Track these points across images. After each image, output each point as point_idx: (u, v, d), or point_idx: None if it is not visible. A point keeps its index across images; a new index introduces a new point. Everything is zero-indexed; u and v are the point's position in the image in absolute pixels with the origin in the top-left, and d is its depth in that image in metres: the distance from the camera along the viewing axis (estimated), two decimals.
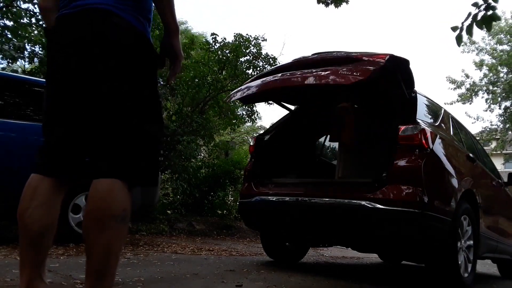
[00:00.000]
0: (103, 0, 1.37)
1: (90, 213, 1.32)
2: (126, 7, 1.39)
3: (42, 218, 1.40)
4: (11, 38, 7.16)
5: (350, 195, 2.97)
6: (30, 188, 1.44)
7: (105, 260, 1.28)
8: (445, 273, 3.01)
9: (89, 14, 1.36)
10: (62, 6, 1.45)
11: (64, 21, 1.41)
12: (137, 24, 1.42)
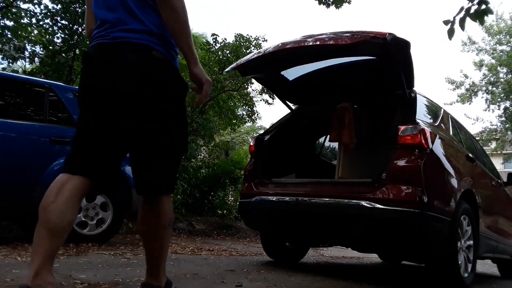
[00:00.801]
0: (143, 36, 1.55)
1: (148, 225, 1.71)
2: (161, 43, 1.59)
3: (65, 213, 1.53)
4: (12, 38, 7.16)
5: (350, 195, 2.98)
6: (57, 184, 1.57)
7: (162, 251, 1.74)
8: (445, 273, 3.01)
9: (132, 47, 1.54)
10: (98, 35, 1.61)
11: (105, 50, 1.57)
12: (171, 57, 1.63)
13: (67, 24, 7.10)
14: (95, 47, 1.60)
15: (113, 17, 1.59)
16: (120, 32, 1.56)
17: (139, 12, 1.57)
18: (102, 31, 1.60)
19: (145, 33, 1.56)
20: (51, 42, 7.26)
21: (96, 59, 1.58)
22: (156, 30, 1.59)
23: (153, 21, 1.58)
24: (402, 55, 2.99)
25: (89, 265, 2.85)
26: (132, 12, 1.57)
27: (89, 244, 3.95)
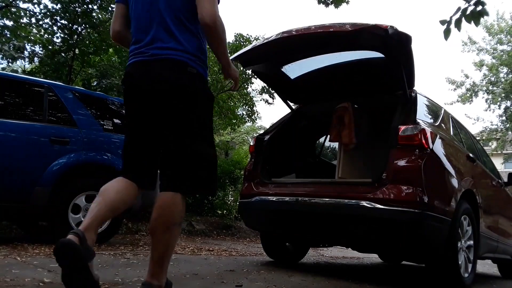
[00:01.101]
0: (179, 53, 1.74)
1: (159, 219, 1.74)
2: (195, 58, 1.78)
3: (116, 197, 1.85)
4: (11, 38, 7.15)
5: (350, 195, 2.97)
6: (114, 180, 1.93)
7: (165, 251, 1.75)
8: (445, 273, 3.01)
9: (170, 63, 1.73)
10: (137, 52, 1.79)
11: (145, 66, 1.76)
12: (202, 71, 1.81)
13: (66, 24, 7.09)
14: (134, 65, 1.80)
15: (152, 35, 1.76)
16: (159, 50, 1.74)
17: (177, 31, 1.75)
18: (141, 47, 1.78)
19: (182, 51, 1.75)
20: (51, 41, 7.26)
21: (136, 76, 1.79)
22: (191, 48, 1.77)
23: (188, 40, 1.77)
24: (403, 49, 2.97)
25: None
26: (170, 31, 1.75)
27: None
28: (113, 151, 4.37)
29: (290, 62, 3.71)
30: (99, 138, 4.31)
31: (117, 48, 7.51)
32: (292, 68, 3.82)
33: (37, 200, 3.82)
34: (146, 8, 1.80)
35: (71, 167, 4.01)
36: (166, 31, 1.75)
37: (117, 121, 4.70)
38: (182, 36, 1.76)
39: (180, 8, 1.76)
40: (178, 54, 1.74)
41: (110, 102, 4.84)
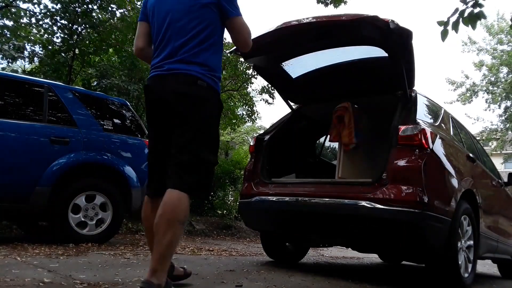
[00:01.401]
0: (190, 67, 1.92)
1: (164, 215, 1.82)
2: (206, 72, 1.95)
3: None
4: (11, 38, 7.15)
5: (350, 195, 2.97)
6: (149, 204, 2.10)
7: (167, 249, 1.80)
8: (445, 273, 3.01)
9: (182, 77, 1.92)
10: (156, 66, 2.00)
11: (162, 78, 1.96)
12: (213, 84, 1.99)
13: (66, 24, 7.09)
14: (153, 78, 2.01)
15: (168, 50, 1.97)
16: (173, 64, 1.94)
17: (191, 46, 1.94)
18: (159, 62, 1.99)
19: (194, 64, 1.94)
20: (51, 41, 7.26)
21: (153, 89, 2.00)
22: (204, 61, 1.96)
23: (202, 54, 1.96)
24: (404, 44, 2.96)
25: (89, 265, 2.84)
26: (184, 46, 1.94)
27: (89, 244, 3.94)
28: (113, 151, 4.37)
29: (290, 57, 3.66)
30: (99, 138, 4.31)
31: (117, 48, 7.52)
32: (293, 67, 3.81)
33: (37, 200, 3.83)
34: (165, 27, 1.99)
35: (71, 167, 4.02)
36: (181, 46, 1.95)
37: (117, 121, 4.70)
38: (196, 50, 1.95)
39: (196, 26, 1.95)
40: (189, 68, 1.93)
41: (110, 102, 4.84)
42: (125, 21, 7.49)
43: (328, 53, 3.56)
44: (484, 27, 15.77)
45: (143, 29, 2.16)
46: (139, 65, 7.00)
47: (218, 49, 2.04)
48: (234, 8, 2.01)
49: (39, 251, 3.35)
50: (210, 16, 1.96)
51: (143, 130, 4.89)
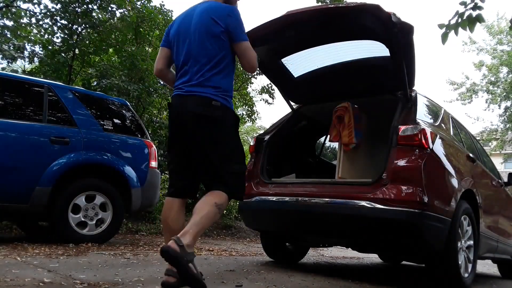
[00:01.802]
0: (206, 90, 2.21)
1: (207, 197, 2.18)
2: (219, 93, 2.23)
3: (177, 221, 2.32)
4: (11, 38, 7.15)
5: (350, 195, 2.97)
6: (168, 205, 2.35)
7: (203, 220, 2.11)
8: (445, 273, 3.01)
9: (199, 99, 2.20)
10: (178, 87, 2.30)
11: (182, 98, 2.26)
12: (226, 103, 2.26)
13: (66, 24, 7.09)
14: (174, 97, 2.31)
15: (187, 74, 2.27)
16: (191, 86, 2.23)
17: (206, 70, 2.22)
18: (181, 84, 2.29)
19: (209, 87, 2.21)
20: (51, 41, 7.26)
21: (175, 106, 2.30)
22: (217, 84, 2.23)
23: (215, 77, 2.23)
24: (405, 39, 2.93)
25: (89, 265, 2.84)
26: (201, 72, 2.23)
27: (89, 244, 3.95)
28: (113, 151, 4.37)
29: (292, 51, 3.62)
30: (99, 138, 4.31)
31: (117, 48, 7.52)
32: (295, 66, 3.80)
33: (37, 200, 3.83)
34: (184, 54, 2.29)
35: (71, 167, 4.02)
36: (198, 71, 2.24)
37: (117, 121, 4.70)
38: (210, 73, 2.23)
39: (209, 50, 2.23)
40: (205, 91, 2.21)
41: (110, 102, 4.84)
42: (125, 21, 7.49)
43: (328, 53, 3.56)
44: (485, 27, 15.77)
45: (163, 53, 2.45)
46: (139, 65, 7.00)
47: (230, 71, 2.31)
48: (240, 34, 2.27)
49: (39, 251, 3.35)
50: (221, 44, 2.24)
51: (143, 130, 4.89)
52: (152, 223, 6.80)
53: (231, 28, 2.23)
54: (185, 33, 2.31)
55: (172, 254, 1.95)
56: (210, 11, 2.25)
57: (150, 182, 4.62)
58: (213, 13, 2.24)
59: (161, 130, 7.65)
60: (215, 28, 2.22)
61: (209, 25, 2.23)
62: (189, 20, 2.32)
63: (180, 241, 1.99)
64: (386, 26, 2.83)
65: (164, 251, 1.97)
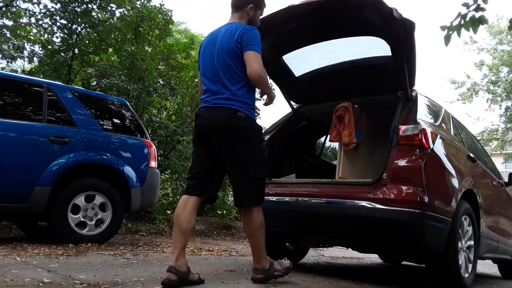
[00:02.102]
0: (232, 103, 2.43)
1: (245, 228, 2.56)
2: (243, 105, 2.46)
3: (190, 220, 2.45)
4: (11, 38, 7.14)
5: (350, 195, 2.96)
6: (183, 202, 2.49)
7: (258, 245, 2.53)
8: (446, 274, 3.00)
9: (226, 110, 2.43)
10: (205, 100, 2.53)
11: (208, 111, 2.49)
12: (250, 114, 2.49)
13: (66, 24, 7.08)
14: (203, 110, 2.53)
15: (214, 89, 2.49)
16: (218, 100, 2.46)
17: (230, 85, 2.45)
18: (207, 97, 2.52)
19: (234, 100, 2.44)
20: (50, 41, 7.25)
21: (203, 117, 2.51)
22: (241, 98, 2.46)
23: (240, 91, 2.46)
24: (406, 35, 2.91)
25: (89, 265, 2.84)
26: (226, 86, 2.46)
27: (89, 244, 3.94)
28: (112, 151, 4.36)
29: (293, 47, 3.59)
30: (99, 138, 4.30)
31: (116, 48, 7.51)
32: (296, 66, 3.79)
33: (37, 200, 3.82)
34: (210, 71, 2.53)
35: (70, 167, 4.01)
36: (223, 86, 2.46)
37: (116, 121, 4.70)
38: (234, 88, 2.45)
39: (232, 67, 2.45)
40: (231, 103, 2.44)
41: (109, 102, 4.83)
42: (124, 21, 7.48)
43: (329, 52, 3.55)
44: (485, 27, 15.77)
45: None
46: (139, 65, 6.99)
47: (252, 85, 2.51)
48: (247, 44, 2.43)
49: (39, 251, 3.34)
50: (241, 59, 2.45)
51: (142, 130, 4.88)
52: (152, 223, 6.79)
53: (243, 42, 2.43)
54: (211, 52, 2.56)
55: (262, 281, 2.54)
56: (231, 31, 2.49)
57: (150, 182, 4.61)
58: (233, 33, 2.48)
59: (161, 130, 7.64)
60: (235, 46, 2.45)
61: (229, 44, 2.46)
62: (214, 41, 2.57)
63: (257, 270, 2.55)
64: (388, 21, 2.81)
65: (254, 282, 2.55)
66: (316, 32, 3.37)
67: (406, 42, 2.96)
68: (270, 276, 2.58)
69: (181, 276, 2.31)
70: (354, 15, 3.03)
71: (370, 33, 3.17)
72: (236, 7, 2.62)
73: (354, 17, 3.06)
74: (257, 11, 2.64)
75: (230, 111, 2.43)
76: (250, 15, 2.60)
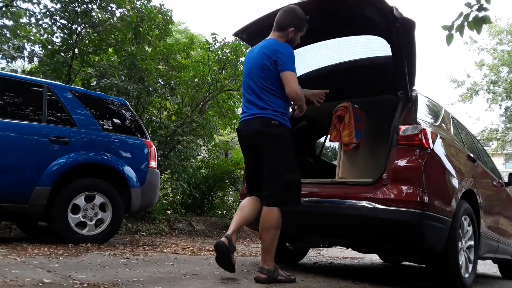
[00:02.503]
0: (267, 112, 2.70)
1: (263, 225, 2.70)
2: (277, 114, 2.71)
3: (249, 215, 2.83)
4: (11, 38, 7.14)
5: (351, 195, 2.96)
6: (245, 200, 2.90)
7: (269, 245, 2.70)
8: (446, 274, 3.00)
9: (261, 119, 2.71)
10: (244, 112, 2.85)
11: (248, 121, 2.78)
12: (283, 121, 2.74)
13: (66, 24, 7.07)
14: (242, 122, 2.85)
15: (252, 101, 2.77)
16: (254, 110, 2.74)
17: (266, 97, 2.72)
18: (246, 109, 2.82)
19: (269, 110, 2.70)
20: (50, 41, 7.24)
21: (243, 127, 2.82)
22: (275, 107, 2.71)
23: (274, 101, 2.71)
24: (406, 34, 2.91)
25: (88, 265, 2.84)
26: (261, 97, 2.73)
27: (88, 244, 3.94)
28: (112, 151, 4.36)
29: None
30: (99, 138, 4.30)
31: (116, 48, 7.50)
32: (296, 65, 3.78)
33: (37, 200, 3.82)
34: (247, 85, 2.83)
35: (70, 167, 4.01)
36: (259, 98, 2.74)
37: (116, 121, 4.69)
38: (269, 99, 2.71)
39: (266, 80, 2.71)
40: (266, 113, 2.70)
41: (109, 102, 4.83)
42: (124, 21, 7.47)
43: (329, 53, 3.55)
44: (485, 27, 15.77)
45: None
46: (139, 65, 6.98)
47: (284, 93, 2.72)
48: (284, 65, 2.67)
49: (39, 251, 3.34)
50: (274, 74, 2.70)
51: (142, 130, 4.88)
52: (152, 223, 6.79)
53: (279, 60, 2.67)
54: (249, 66, 2.86)
55: (265, 281, 2.65)
56: (265, 48, 2.75)
57: (150, 182, 4.61)
58: (267, 49, 2.73)
59: (161, 130, 7.64)
60: (267, 61, 2.70)
61: (263, 59, 2.72)
62: (252, 55, 2.85)
63: (263, 269, 2.68)
64: (388, 20, 2.81)
65: (257, 281, 2.66)
66: (316, 32, 3.36)
67: (407, 42, 2.96)
68: (273, 278, 2.68)
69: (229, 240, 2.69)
70: (354, 14, 3.03)
71: (371, 32, 3.17)
72: (279, 26, 2.83)
73: (354, 16, 3.05)
74: (297, 33, 2.85)
75: (264, 120, 2.69)
76: (290, 36, 2.81)
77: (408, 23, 2.84)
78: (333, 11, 3.07)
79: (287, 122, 2.77)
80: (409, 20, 2.84)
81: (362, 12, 2.92)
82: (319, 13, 3.07)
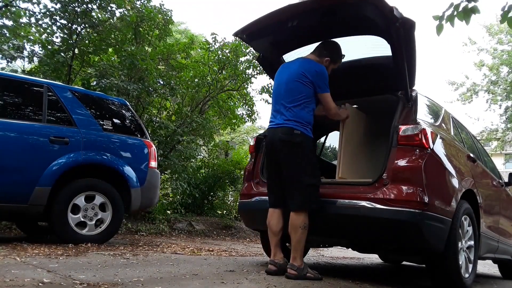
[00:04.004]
0: (290, 122, 2.94)
1: (291, 226, 2.91)
2: (299, 123, 2.94)
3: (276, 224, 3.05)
4: (10, 38, 7.14)
5: (350, 195, 2.96)
6: (270, 212, 3.09)
7: (297, 243, 2.90)
8: (446, 274, 3.00)
9: (285, 129, 2.95)
10: (271, 121, 3.09)
11: (273, 130, 3.03)
12: (305, 131, 2.96)
13: (66, 24, 7.07)
14: (268, 130, 3.10)
15: (278, 110, 3.03)
16: (280, 120, 3.00)
17: (290, 107, 2.96)
18: (273, 118, 3.07)
19: (292, 120, 2.93)
20: (50, 41, 7.24)
21: (269, 136, 3.07)
22: (298, 118, 2.95)
23: (297, 112, 2.95)
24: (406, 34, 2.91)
25: (88, 265, 2.84)
26: (287, 107, 2.98)
27: (88, 244, 3.94)
28: (112, 151, 4.36)
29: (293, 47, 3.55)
30: (99, 138, 4.30)
31: (116, 48, 7.50)
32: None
33: (37, 200, 3.82)
34: (276, 94, 3.11)
35: (70, 167, 4.01)
36: (285, 108, 2.99)
37: (116, 121, 4.69)
38: (294, 110, 2.96)
39: (293, 92, 2.97)
40: (289, 123, 2.94)
41: (109, 102, 4.83)
42: (124, 21, 7.47)
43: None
44: (484, 27, 15.78)
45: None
46: (139, 65, 6.98)
47: (308, 106, 2.99)
48: (322, 86, 3.01)
49: (39, 251, 3.34)
50: (304, 89, 2.97)
51: (142, 130, 4.88)
52: (152, 224, 6.79)
53: (316, 82, 2.97)
54: (279, 79, 3.11)
55: (295, 278, 2.81)
56: (303, 66, 3.01)
57: (150, 182, 4.61)
58: (304, 68, 2.99)
59: (161, 130, 7.64)
60: (302, 78, 2.96)
61: (299, 76, 2.97)
62: (285, 70, 3.12)
63: (294, 266, 2.86)
64: (388, 19, 2.81)
65: (287, 278, 2.83)
66: (316, 31, 3.36)
67: (406, 42, 2.96)
68: (303, 276, 2.86)
69: (279, 267, 2.97)
70: (354, 14, 3.02)
71: (371, 32, 3.16)
72: (318, 50, 3.14)
73: (354, 16, 3.05)
74: (330, 64, 3.14)
75: (288, 129, 2.92)
76: (324, 64, 3.08)
77: (408, 23, 2.84)
78: (333, 11, 3.07)
79: (309, 132, 2.98)
80: (409, 20, 2.84)
81: (362, 12, 2.92)
82: (319, 13, 3.07)
